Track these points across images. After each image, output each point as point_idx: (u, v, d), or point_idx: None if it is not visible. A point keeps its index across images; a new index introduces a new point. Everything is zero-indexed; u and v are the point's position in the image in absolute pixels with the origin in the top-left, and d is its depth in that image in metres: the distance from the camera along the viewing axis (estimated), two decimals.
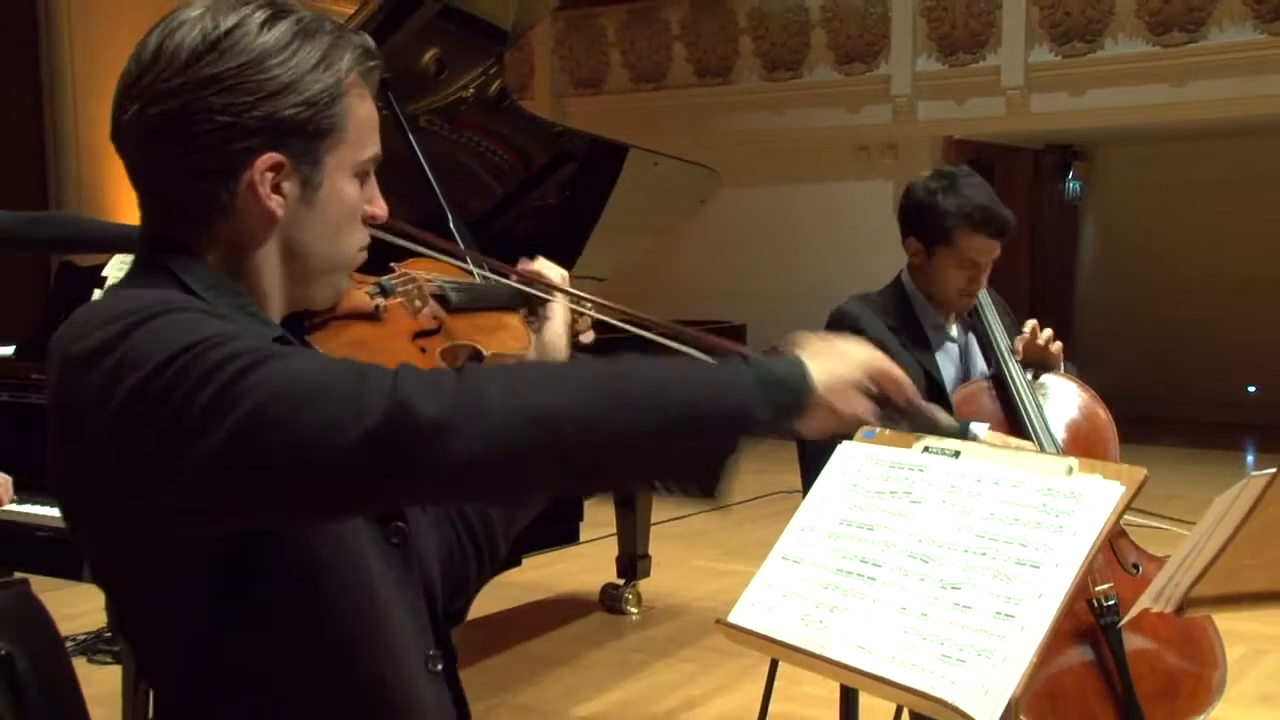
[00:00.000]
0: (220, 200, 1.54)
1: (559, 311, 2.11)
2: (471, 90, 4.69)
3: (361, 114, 1.61)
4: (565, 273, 2.15)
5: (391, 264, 1.89)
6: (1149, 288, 14.76)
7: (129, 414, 1.37)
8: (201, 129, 1.49)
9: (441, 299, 2.01)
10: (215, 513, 1.41)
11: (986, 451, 1.98)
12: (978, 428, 2.96)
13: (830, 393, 1.60)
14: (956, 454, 1.97)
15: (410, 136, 4.18)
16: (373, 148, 1.65)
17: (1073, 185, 14.96)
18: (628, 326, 2.08)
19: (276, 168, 1.53)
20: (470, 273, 2.05)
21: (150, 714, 1.65)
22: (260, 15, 1.53)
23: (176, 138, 1.50)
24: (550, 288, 2.05)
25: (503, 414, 1.36)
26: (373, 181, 1.67)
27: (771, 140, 13.36)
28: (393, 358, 1.78)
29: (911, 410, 1.73)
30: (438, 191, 4.14)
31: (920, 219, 3.47)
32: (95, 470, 1.43)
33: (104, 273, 3.78)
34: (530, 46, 14.27)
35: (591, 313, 2.09)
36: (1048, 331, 3.39)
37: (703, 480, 1.54)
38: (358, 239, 1.67)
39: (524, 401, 1.38)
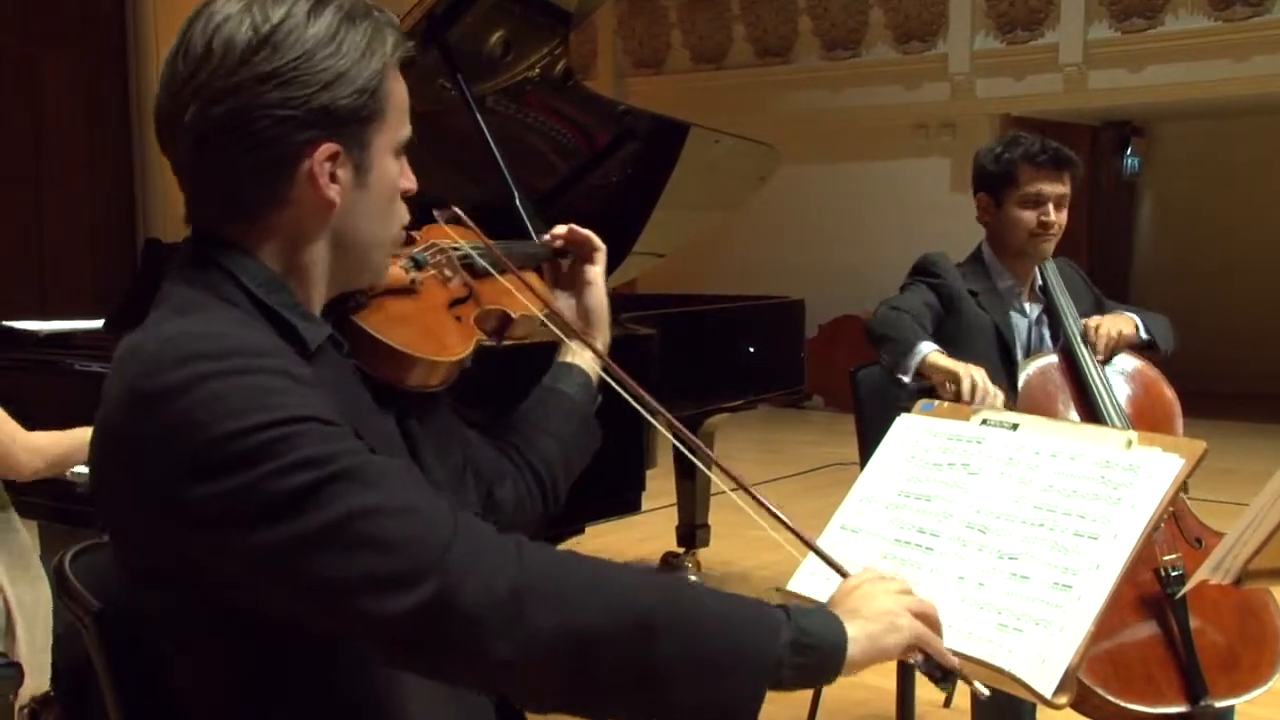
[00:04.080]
0: (279, 193, 1.55)
1: (599, 275, 2.17)
2: (537, 71, 4.71)
3: (399, 95, 1.64)
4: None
5: (411, 233, 1.91)
6: (1206, 262, 14.62)
7: (192, 465, 1.37)
8: (261, 124, 1.50)
9: (468, 266, 2.04)
10: (236, 585, 1.42)
11: (1044, 424, 2.00)
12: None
13: (864, 662, 1.56)
14: (1015, 426, 2.00)
15: (478, 117, 4.21)
16: (407, 126, 1.68)
17: (1131, 161, 14.80)
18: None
19: (333, 156, 1.55)
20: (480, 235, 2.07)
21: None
22: (304, 5, 1.54)
23: (237, 135, 1.51)
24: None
25: (548, 632, 1.39)
26: (403, 156, 1.70)
27: (830, 119, 13.30)
28: (433, 331, 1.85)
29: (952, 672, 1.67)
30: (504, 170, 4.18)
31: (986, 174, 3.59)
32: (134, 497, 1.45)
33: None
34: (594, 28, 14.26)
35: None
36: (1101, 330, 3.41)
37: None
38: (400, 217, 1.71)
39: (569, 621, 1.40)
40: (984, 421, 2.04)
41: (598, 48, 14.70)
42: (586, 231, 2.18)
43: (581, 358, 2.12)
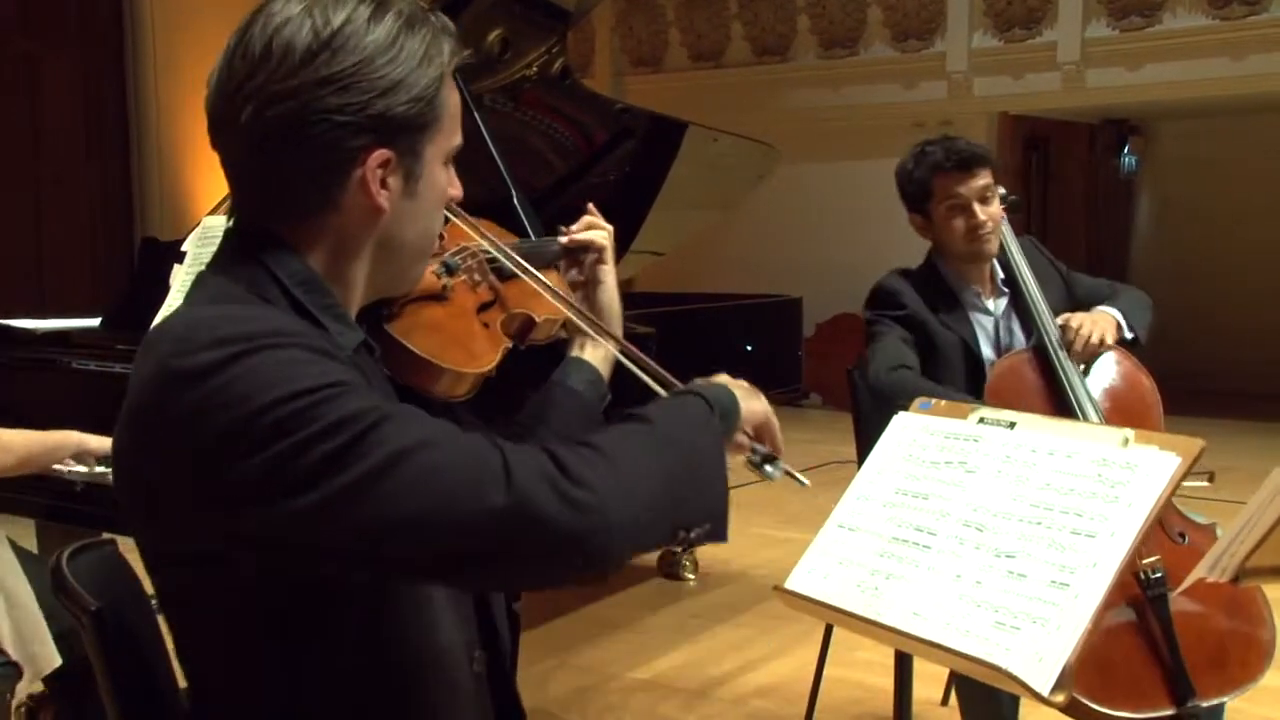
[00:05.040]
0: (331, 196, 1.55)
1: (609, 275, 2.18)
2: (535, 69, 4.72)
3: (453, 103, 1.64)
4: (610, 229, 2.22)
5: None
6: (1204, 261, 14.62)
7: (229, 441, 1.36)
8: (318, 129, 1.50)
9: (496, 269, 2.04)
10: (286, 548, 1.41)
11: (1042, 422, 2.00)
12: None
13: (746, 420, 1.80)
14: (1012, 425, 2.00)
15: (475, 115, 4.22)
16: (459, 135, 1.68)
17: (1128, 159, 14.81)
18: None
19: (385, 163, 1.55)
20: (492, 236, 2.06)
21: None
22: (365, 10, 1.54)
23: (292, 138, 1.51)
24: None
25: (623, 515, 1.42)
26: (452, 166, 1.70)
27: (828, 117, 13.30)
28: (462, 340, 1.86)
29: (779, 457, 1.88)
30: (502, 169, 4.18)
31: (906, 195, 3.68)
32: (169, 477, 1.43)
33: (183, 247, 3.84)
34: (591, 26, 14.25)
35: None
36: (1082, 332, 3.37)
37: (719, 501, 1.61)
38: (440, 225, 1.72)
39: (631, 486, 1.44)
40: (981, 420, 2.04)
41: (595, 46, 14.69)
42: (593, 233, 2.19)
43: (593, 354, 2.12)
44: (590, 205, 2.26)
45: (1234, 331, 14.07)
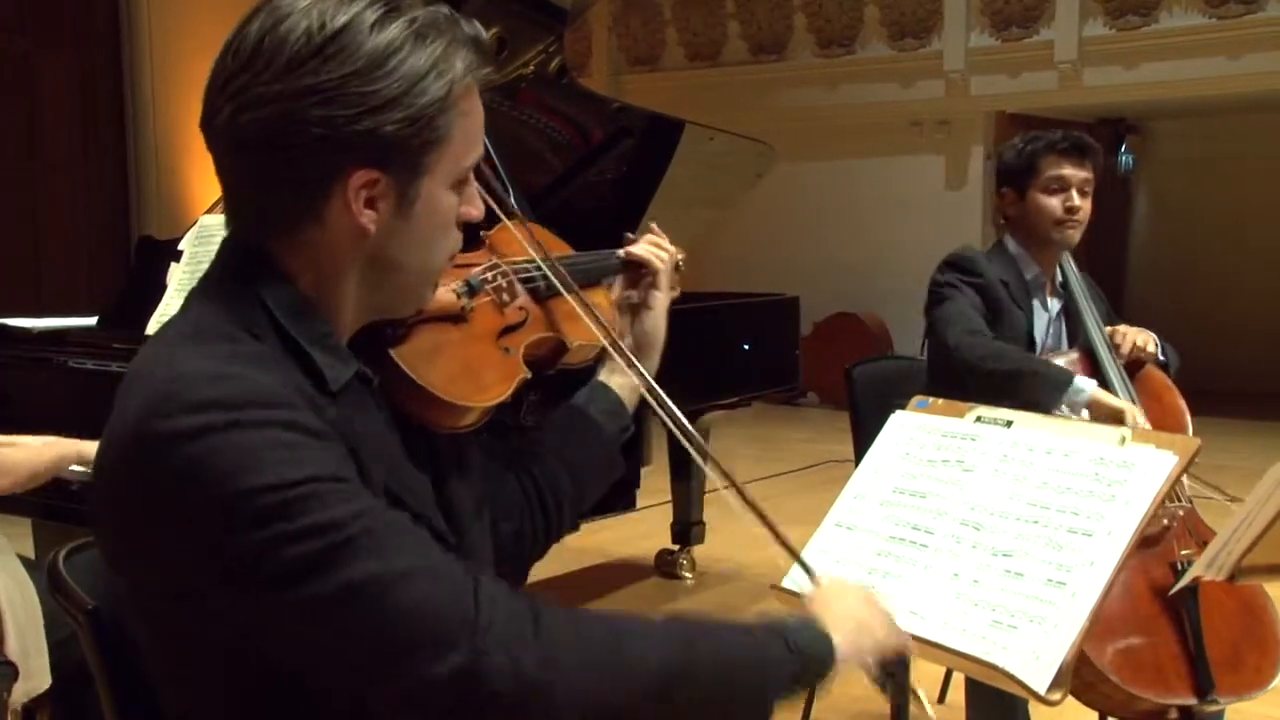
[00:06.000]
0: (314, 210, 1.45)
1: (662, 301, 2.07)
2: (532, 68, 4.72)
3: (469, 121, 1.52)
4: (673, 251, 2.11)
5: (481, 232, 1.81)
6: (1201, 260, 14.66)
7: (200, 519, 1.31)
8: (296, 140, 1.40)
9: (533, 289, 1.91)
10: (229, 630, 1.37)
11: (1038, 421, 2.01)
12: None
13: (844, 665, 1.60)
14: (1009, 424, 2.00)
15: None
16: (476, 152, 1.56)
17: (1125, 158, 14.81)
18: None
19: (371, 184, 1.45)
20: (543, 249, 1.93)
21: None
22: (373, 14, 1.43)
23: (269, 147, 1.41)
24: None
25: (572, 711, 1.35)
26: (471, 183, 1.58)
27: (825, 116, 13.30)
28: (473, 369, 1.73)
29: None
30: (499, 168, 4.18)
31: (1008, 167, 3.67)
32: (138, 542, 1.40)
33: (180, 246, 3.84)
34: (588, 25, 14.25)
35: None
36: (1129, 335, 3.48)
37: None
38: (449, 247, 1.59)
39: (593, 697, 1.37)
40: (979, 419, 2.04)
41: (593, 45, 14.69)
42: (651, 250, 2.09)
43: (621, 382, 2.00)
44: (654, 225, 2.13)
45: (1232, 329, 14.09)
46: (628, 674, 1.41)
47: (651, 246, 2.09)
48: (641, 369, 1.97)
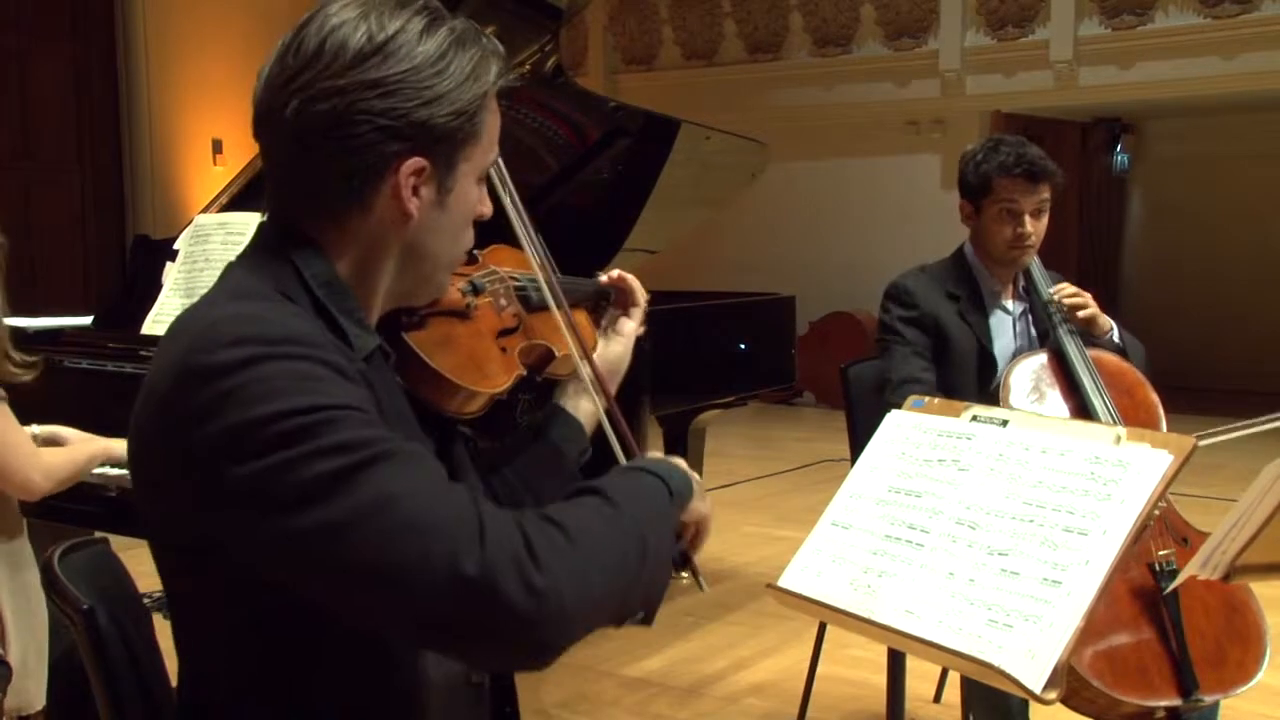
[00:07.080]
0: (363, 198, 1.59)
1: (632, 330, 2.21)
2: (527, 67, 4.71)
3: (492, 123, 1.68)
4: (647, 298, 2.25)
5: (474, 251, 1.91)
6: (1196, 259, 14.68)
7: (230, 443, 1.38)
8: (360, 129, 1.54)
9: (523, 298, 2.04)
10: (266, 565, 1.42)
11: (1034, 420, 2.01)
12: None
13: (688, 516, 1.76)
14: (1004, 423, 2.00)
15: None
16: (495, 152, 1.72)
17: (1120, 158, 14.83)
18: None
19: (419, 172, 1.58)
20: (542, 267, 2.03)
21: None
22: (419, 23, 1.58)
23: (334, 135, 1.55)
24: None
25: (577, 611, 1.40)
26: (485, 182, 1.73)
27: (821, 115, 13.32)
28: (478, 360, 1.87)
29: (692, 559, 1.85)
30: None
31: (965, 182, 3.67)
32: (170, 467, 1.45)
33: (175, 245, 3.83)
34: (584, 24, 14.27)
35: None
36: (1069, 291, 3.50)
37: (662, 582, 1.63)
38: (469, 240, 1.74)
39: (591, 596, 1.43)
40: (974, 418, 2.04)
41: (588, 44, 14.71)
42: (635, 282, 2.23)
43: (584, 407, 2.09)
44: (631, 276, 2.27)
45: (1226, 329, 14.11)
46: (617, 575, 1.49)
47: (630, 276, 2.25)
48: (608, 392, 2.07)
